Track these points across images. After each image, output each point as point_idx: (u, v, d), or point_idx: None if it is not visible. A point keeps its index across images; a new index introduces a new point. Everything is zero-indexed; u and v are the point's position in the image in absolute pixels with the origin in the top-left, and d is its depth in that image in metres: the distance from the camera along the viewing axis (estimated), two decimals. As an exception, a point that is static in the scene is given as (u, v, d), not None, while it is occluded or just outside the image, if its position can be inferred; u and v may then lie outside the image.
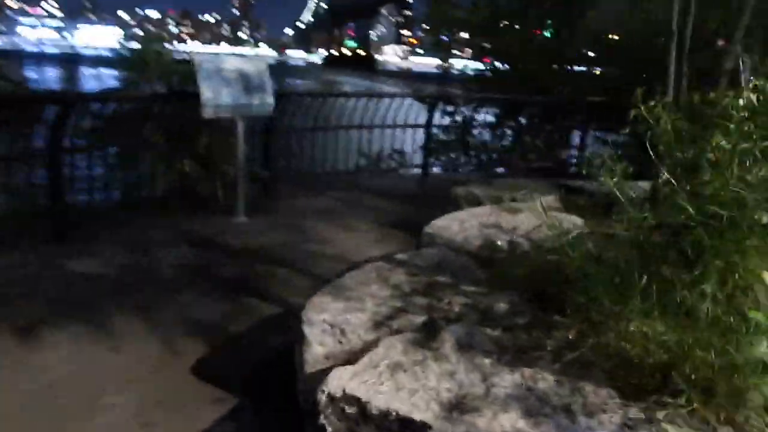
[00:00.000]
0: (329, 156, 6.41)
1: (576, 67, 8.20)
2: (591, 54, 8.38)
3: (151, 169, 4.55)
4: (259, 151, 5.58)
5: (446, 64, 10.35)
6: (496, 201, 3.99)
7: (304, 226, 4.66)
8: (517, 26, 8.20)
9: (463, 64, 10.36)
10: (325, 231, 4.56)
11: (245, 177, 4.81)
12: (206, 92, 4.35)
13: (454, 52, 10.77)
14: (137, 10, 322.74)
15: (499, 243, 2.97)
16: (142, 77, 4.76)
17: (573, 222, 3.33)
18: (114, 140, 4.53)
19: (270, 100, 4.80)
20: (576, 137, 7.34)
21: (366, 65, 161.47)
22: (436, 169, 7.20)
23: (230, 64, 4.55)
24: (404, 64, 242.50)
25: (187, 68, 4.68)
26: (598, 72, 8.10)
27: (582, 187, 4.43)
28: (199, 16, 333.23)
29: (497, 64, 8.46)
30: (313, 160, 6.27)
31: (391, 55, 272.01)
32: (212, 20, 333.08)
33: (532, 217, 3.38)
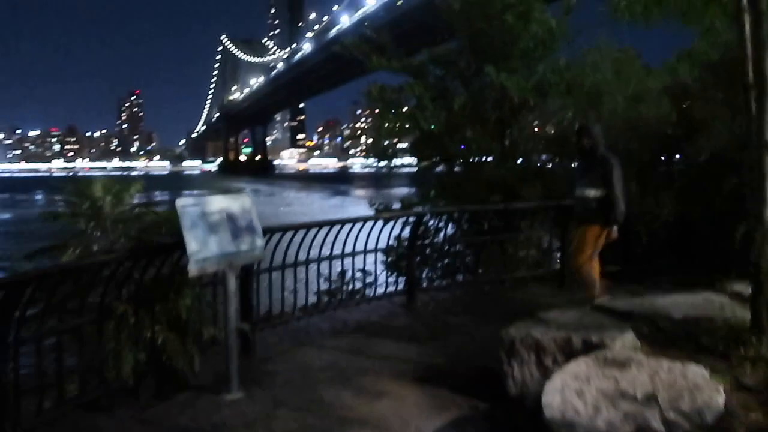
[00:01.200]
0: (306, 293, 5.55)
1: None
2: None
3: (115, 348, 3.45)
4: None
5: (389, 165, 9.91)
6: (566, 347, 3.34)
7: (321, 400, 3.68)
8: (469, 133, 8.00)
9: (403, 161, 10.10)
10: (353, 402, 3.61)
11: (235, 339, 3.84)
12: (192, 244, 3.45)
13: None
14: (17, 131, 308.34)
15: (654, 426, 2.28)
16: (95, 226, 3.77)
17: (700, 376, 2.74)
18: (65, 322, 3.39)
19: (260, 242, 3.98)
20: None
21: (264, 170, 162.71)
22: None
23: (214, 206, 3.71)
24: (302, 167, 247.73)
25: (151, 215, 3.80)
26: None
27: (631, 312, 3.94)
28: (86, 133, 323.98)
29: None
30: (292, 301, 5.38)
31: (288, 159, 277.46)
32: (99, 135, 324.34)
33: (648, 371, 2.76)
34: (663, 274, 5.69)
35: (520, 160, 8.16)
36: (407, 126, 7.89)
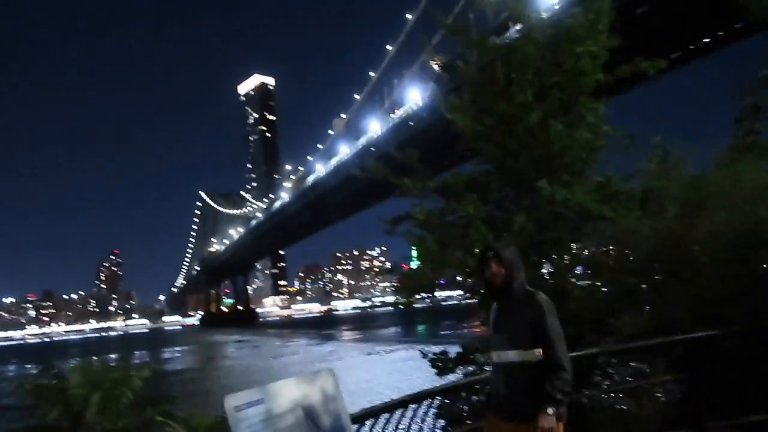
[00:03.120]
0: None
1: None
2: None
3: None
4: None
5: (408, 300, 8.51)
6: None
7: None
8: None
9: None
10: None
11: None
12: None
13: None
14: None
15: None
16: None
17: None
18: None
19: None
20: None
21: (247, 320, 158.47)
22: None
23: (285, 399, 2.23)
24: (286, 313, 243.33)
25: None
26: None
27: None
28: (63, 295, 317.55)
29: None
30: None
31: (271, 306, 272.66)
32: (76, 297, 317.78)
33: None
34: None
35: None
36: (458, 253, 6.60)
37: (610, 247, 6.83)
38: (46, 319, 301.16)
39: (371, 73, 76.15)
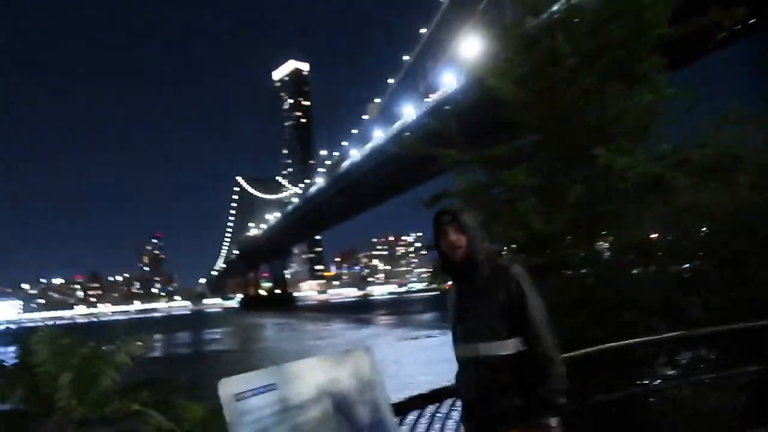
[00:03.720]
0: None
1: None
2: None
3: None
4: None
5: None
6: None
7: None
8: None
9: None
10: None
11: None
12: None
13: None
14: (41, 280, 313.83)
15: None
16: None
17: None
18: None
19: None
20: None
21: (285, 303, 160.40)
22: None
23: (307, 384, 1.75)
24: (322, 297, 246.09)
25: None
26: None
27: None
28: (109, 277, 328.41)
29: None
30: None
31: (308, 290, 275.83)
32: (121, 279, 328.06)
33: None
34: None
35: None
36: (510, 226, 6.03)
37: (678, 222, 6.16)
38: (94, 300, 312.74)
39: (405, 57, 75.07)
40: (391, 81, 79.99)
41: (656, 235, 6.55)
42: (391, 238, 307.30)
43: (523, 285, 2.17)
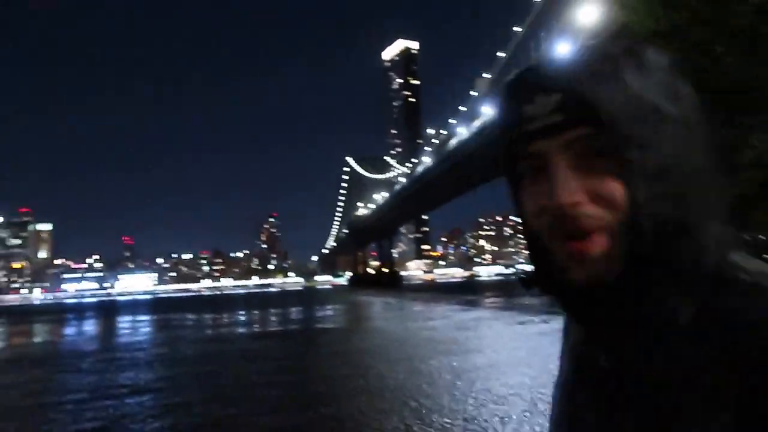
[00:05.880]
0: None
1: None
2: None
3: None
4: None
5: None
6: None
7: None
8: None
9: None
10: None
11: None
12: None
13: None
14: (172, 255, 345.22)
15: None
16: None
17: None
18: None
19: None
20: None
21: (392, 282, 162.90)
22: None
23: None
24: (428, 277, 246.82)
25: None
26: None
27: None
28: (230, 254, 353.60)
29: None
30: None
31: (414, 270, 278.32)
32: (241, 255, 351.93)
33: None
34: None
35: None
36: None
37: None
38: (217, 274, 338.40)
39: (515, 29, 71.79)
40: (501, 54, 77.02)
41: None
42: (499, 218, 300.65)
43: None
